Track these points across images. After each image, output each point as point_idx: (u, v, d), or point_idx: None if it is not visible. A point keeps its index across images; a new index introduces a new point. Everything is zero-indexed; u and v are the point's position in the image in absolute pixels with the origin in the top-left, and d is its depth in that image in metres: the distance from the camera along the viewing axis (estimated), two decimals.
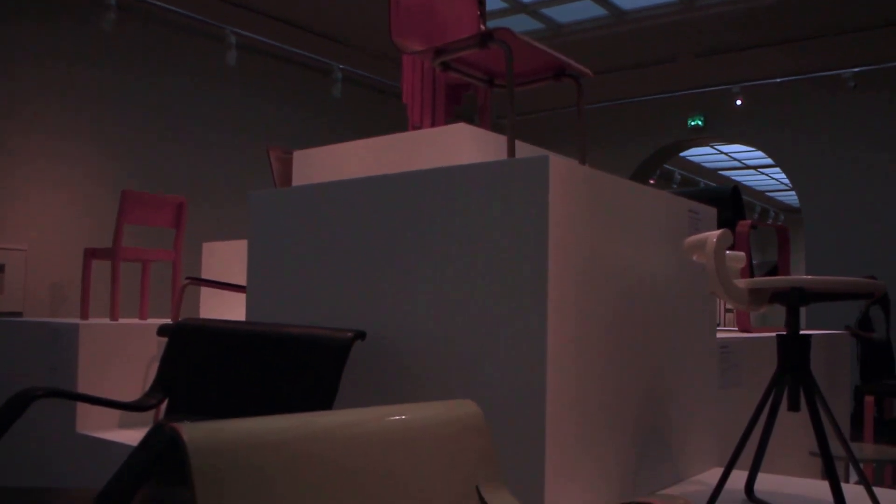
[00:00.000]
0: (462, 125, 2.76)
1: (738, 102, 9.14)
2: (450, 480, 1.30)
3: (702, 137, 9.88)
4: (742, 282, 1.75)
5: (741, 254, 2.02)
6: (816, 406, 1.74)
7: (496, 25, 4.07)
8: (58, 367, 3.03)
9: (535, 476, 1.67)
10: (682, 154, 12.73)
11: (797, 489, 2.13)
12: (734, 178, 15.08)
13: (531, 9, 8.37)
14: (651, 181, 10.76)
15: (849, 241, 8.63)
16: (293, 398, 1.74)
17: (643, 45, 9.09)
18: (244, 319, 2.28)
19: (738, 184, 14.23)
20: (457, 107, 3.27)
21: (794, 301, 1.77)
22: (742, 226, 3.27)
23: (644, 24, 8.55)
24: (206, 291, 4.23)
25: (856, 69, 8.42)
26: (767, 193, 16.92)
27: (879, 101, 8.52)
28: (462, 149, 2.69)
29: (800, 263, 14.81)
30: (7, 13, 6.70)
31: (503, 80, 2.60)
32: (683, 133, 9.81)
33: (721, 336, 2.79)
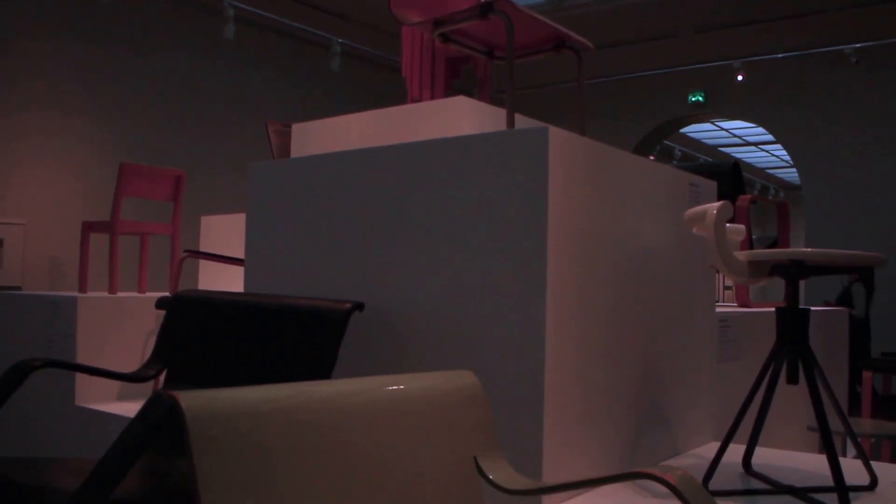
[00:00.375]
0: (461, 98, 2.74)
1: (740, 78, 9.08)
2: (447, 451, 1.30)
3: (702, 113, 9.83)
4: (741, 254, 1.74)
5: (741, 227, 2.01)
6: (815, 380, 1.74)
7: None
8: (56, 340, 3.03)
9: (534, 447, 1.68)
10: (683, 130, 12.68)
11: (795, 463, 2.13)
12: (734, 155, 15.04)
13: None
14: (651, 157, 10.72)
15: (849, 219, 8.62)
16: (291, 369, 1.73)
17: (644, 20, 9.03)
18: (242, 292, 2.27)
19: (739, 160, 14.19)
20: (456, 80, 3.24)
21: (794, 274, 1.76)
22: (742, 200, 3.26)
23: None
24: (205, 265, 4.22)
25: (858, 45, 8.36)
26: (768, 170, 16.89)
27: (882, 78, 8.47)
28: (461, 121, 2.67)
29: (799, 240, 14.82)
30: None
31: (503, 53, 2.57)
32: (684, 109, 9.76)
33: (720, 311, 2.79)
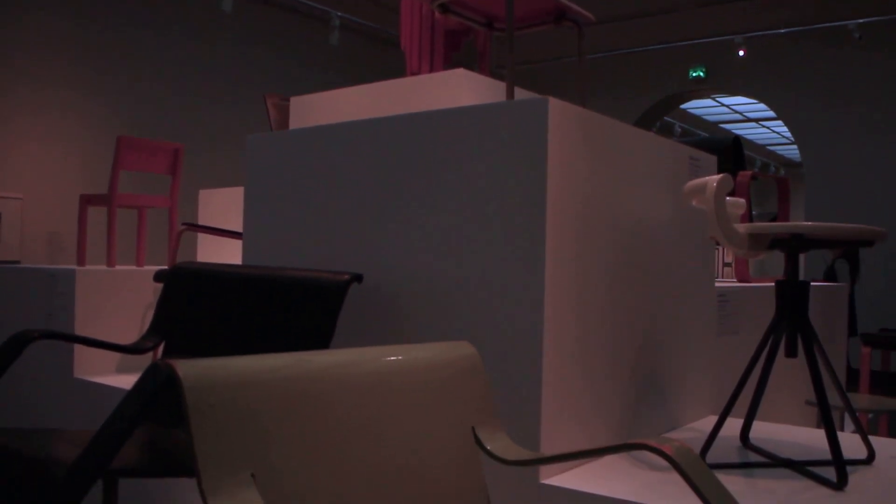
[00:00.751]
0: (461, 70, 2.72)
1: (741, 53, 9.02)
2: (446, 421, 1.30)
3: (703, 89, 9.78)
4: (742, 226, 1.73)
5: (741, 200, 2.00)
6: (814, 353, 1.74)
7: None
8: (55, 313, 3.03)
9: (532, 419, 1.68)
10: (683, 106, 12.63)
11: (792, 437, 2.14)
12: (735, 132, 14.99)
13: None
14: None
15: (850, 196, 8.61)
16: (289, 341, 1.73)
17: None
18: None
19: (740, 136, 14.14)
20: (455, 53, 3.22)
21: (794, 247, 1.76)
22: (742, 176, 3.24)
23: None
24: (203, 239, 4.21)
25: (861, 20, 8.30)
26: (768, 147, 16.84)
27: (885, 54, 8.42)
28: (461, 94, 2.65)
29: (799, 217, 14.81)
30: None
31: (503, 24, 2.55)
32: (685, 84, 9.71)
33: (719, 285, 2.78)
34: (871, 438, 2.10)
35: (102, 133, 7.34)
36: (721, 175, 1.72)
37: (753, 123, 14.26)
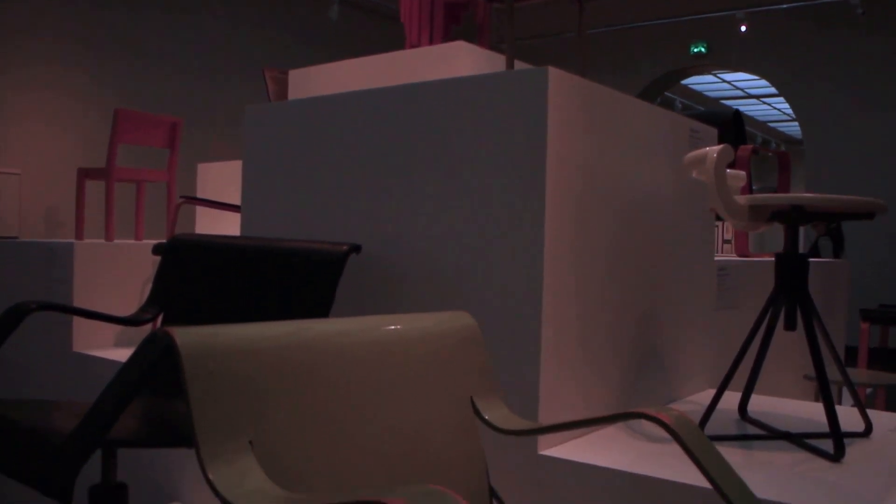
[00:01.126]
0: (461, 43, 2.70)
1: (743, 29, 8.96)
2: (444, 391, 1.30)
3: (704, 64, 9.73)
4: (742, 198, 1.73)
5: (741, 173, 1.99)
6: (813, 326, 1.74)
7: None
8: (53, 287, 3.03)
9: (530, 389, 1.68)
10: (684, 82, 12.56)
11: (790, 410, 2.14)
12: (736, 108, 14.92)
13: None
14: None
15: (850, 172, 8.59)
16: (288, 311, 1.73)
17: None
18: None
19: (740, 110, 14.10)
20: (455, 27, 3.19)
21: (794, 219, 1.75)
22: (743, 150, 3.23)
23: None
24: (202, 213, 4.20)
25: None
26: (769, 124, 16.78)
27: (887, 30, 8.36)
28: (460, 67, 2.64)
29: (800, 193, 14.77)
30: None
31: None
32: (686, 60, 9.66)
33: (719, 259, 2.78)
34: (869, 412, 2.11)
35: (100, 108, 7.31)
36: (721, 146, 1.71)
37: (754, 100, 14.20)
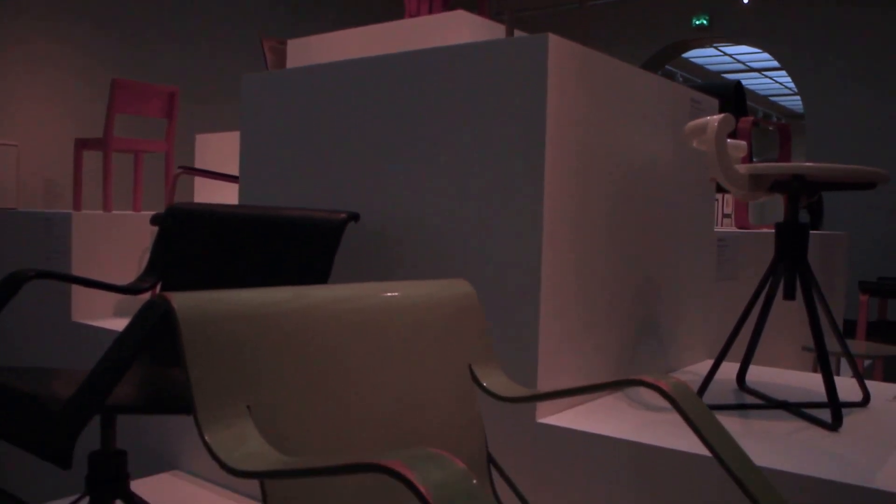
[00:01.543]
0: (460, 12, 2.67)
1: (745, 1, 8.88)
2: (442, 358, 1.30)
3: (706, 37, 9.65)
4: (742, 167, 1.72)
5: (742, 143, 1.98)
6: (812, 295, 1.73)
7: None
8: (52, 258, 3.02)
9: (529, 358, 1.68)
10: (685, 55, 12.48)
11: (788, 380, 2.15)
12: None
13: None
14: None
15: (851, 148, 8.55)
16: (286, 280, 1.72)
17: None
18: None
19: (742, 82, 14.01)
20: None
21: (795, 189, 1.74)
22: (744, 122, 3.21)
23: None
24: (200, 184, 4.19)
25: None
26: (770, 98, 16.70)
27: (892, 3, 8.29)
28: (460, 36, 2.61)
29: None
30: None
31: None
32: (687, 32, 9.58)
33: (719, 230, 2.77)
34: (867, 382, 2.11)
35: (97, 78, 7.26)
36: (722, 115, 1.70)
37: (756, 74, 14.12)
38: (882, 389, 2.08)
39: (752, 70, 13.79)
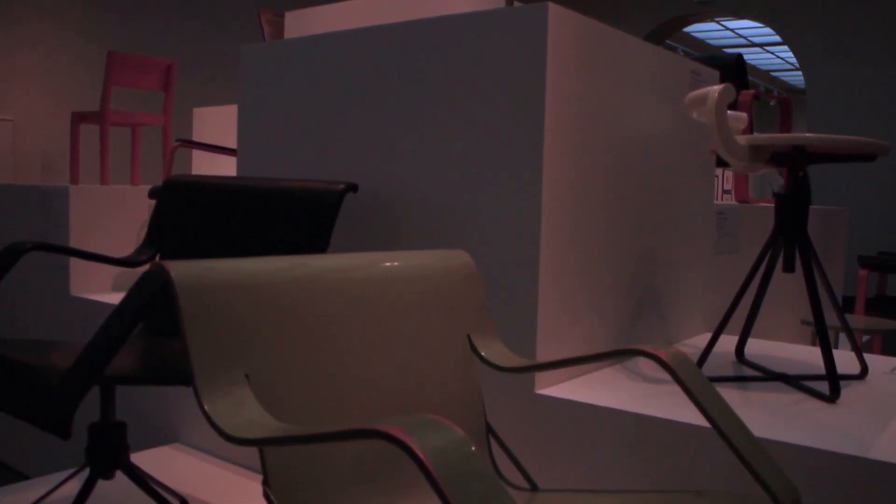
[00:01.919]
0: None
1: None
2: (441, 328, 1.30)
3: (708, 11, 9.58)
4: (742, 138, 1.71)
5: (743, 114, 1.97)
6: (811, 268, 1.73)
7: None
8: (49, 232, 3.02)
9: (528, 328, 1.68)
10: (686, 29, 12.40)
11: (787, 353, 2.15)
12: None
13: None
14: None
15: (853, 123, 8.52)
16: (284, 251, 1.72)
17: None
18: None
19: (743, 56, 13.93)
20: None
21: (795, 160, 1.73)
22: (745, 94, 3.19)
23: None
24: (198, 157, 4.17)
25: None
26: (772, 73, 16.61)
27: None
28: (459, 6, 2.59)
29: None
30: None
31: None
32: (689, 6, 9.51)
33: (718, 204, 2.77)
34: (865, 355, 2.12)
35: (94, 51, 7.21)
36: (722, 85, 1.69)
37: (758, 49, 14.03)
38: (880, 363, 2.08)
39: (754, 45, 13.71)
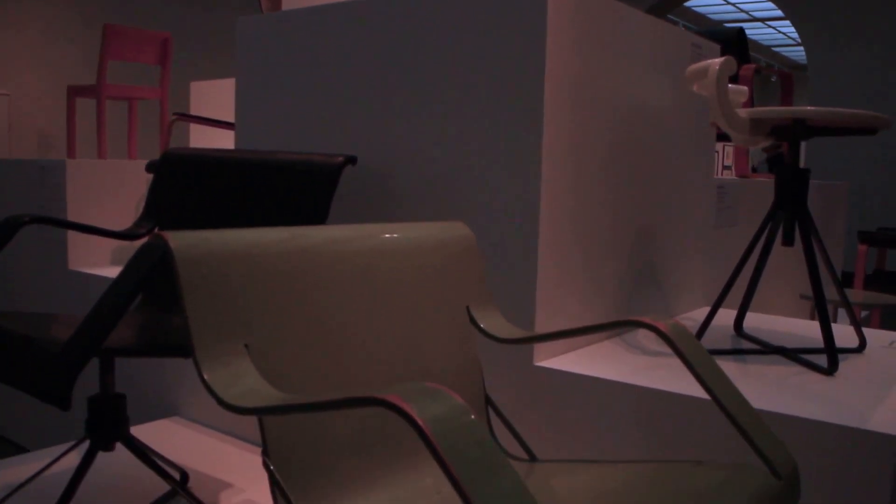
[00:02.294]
0: None
1: None
2: (440, 300, 1.30)
3: None
4: (744, 111, 1.70)
5: (744, 88, 1.95)
6: (811, 241, 1.73)
7: None
8: (46, 206, 3.01)
9: (527, 301, 1.68)
10: (687, 4, 12.31)
11: (785, 327, 2.16)
12: None
13: None
14: None
15: (854, 99, 8.48)
16: (282, 224, 1.72)
17: None
18: None
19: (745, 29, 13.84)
20: None
21: (796, 134, 1.73)
22: (746, 69, 3.18)
23: None
24: (196, 131, 4.15)
25: None
26: (773, 49, 16.52)
27: None
28: None
29: None
30: None
31: None
32: None
33: (718, 178, 2.76)
34: (864, 329, 2.12)
35: (88, 25, 7.15)
36: (723, 58, 1.68)
37: (759, 24, 13.94)
38: (879, 336, 2.08)
39: (756, 19, 13.62)
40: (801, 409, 1.37)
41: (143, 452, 1.61)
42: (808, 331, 2.11)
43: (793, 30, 13.13)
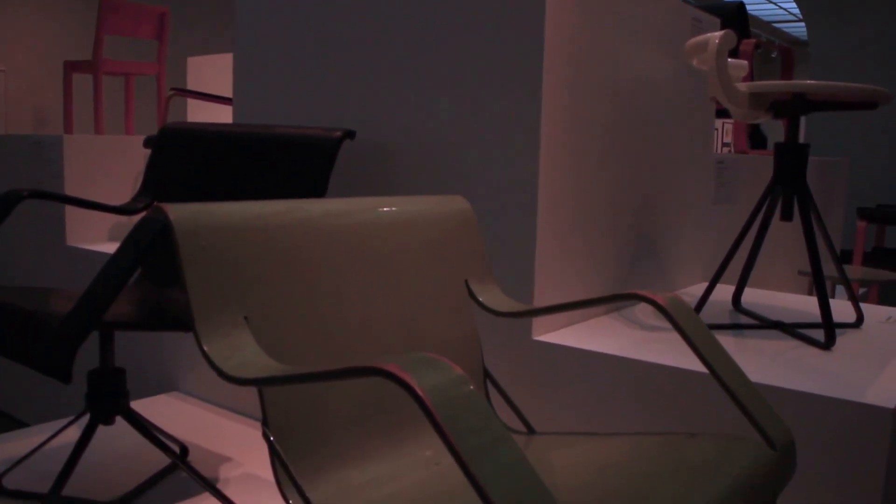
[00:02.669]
0: None
1: None
2: (438, 273, 1.30)
3: None
4: (743, 85, 1.69)
5: (743, 62, 1.95)
6: (809, 216, 1.73)
7: None
8: (44, 183, 3.00)
9: (525, 274, 1.68)
10: None
11: (783, 302, 2.16)
12: None
13: None
14: None
15: (856, 75, 8.45)
16: (281, 198, 1.71)
17: None
18: None
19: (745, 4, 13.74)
20: None
21: (795, 108, 1.72)
22: (746, 44, 3.16)
23: None
24: (194, 107, 4.13)
25: None
26: (774, 24, 16.42)
27: None
28: None
29: None
30: None
31: None
32: None
33: (718, 154, 2.76)
34: (862, 305, 2.13)
35: (84, 1, 7.10)
36: (723, 31, 1.67)
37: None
38: (876, 312, 2.09)
39: None
40: (799, 383, 1.38)
41: (143, 426, 1.62)
42: (806, 306, 2.11)
43: (793, 5, 13.04)
